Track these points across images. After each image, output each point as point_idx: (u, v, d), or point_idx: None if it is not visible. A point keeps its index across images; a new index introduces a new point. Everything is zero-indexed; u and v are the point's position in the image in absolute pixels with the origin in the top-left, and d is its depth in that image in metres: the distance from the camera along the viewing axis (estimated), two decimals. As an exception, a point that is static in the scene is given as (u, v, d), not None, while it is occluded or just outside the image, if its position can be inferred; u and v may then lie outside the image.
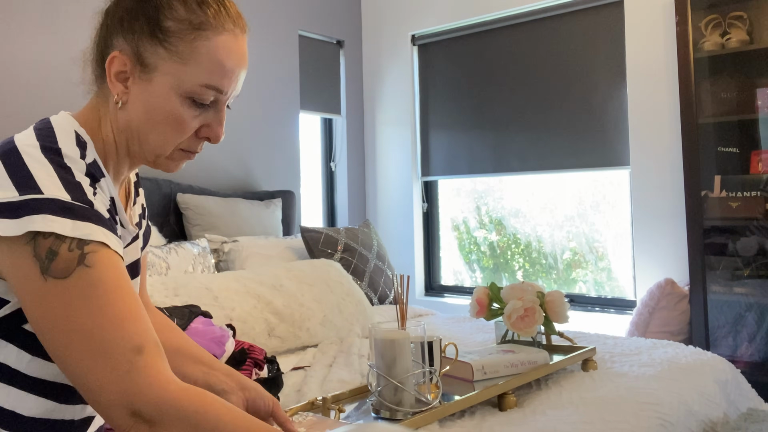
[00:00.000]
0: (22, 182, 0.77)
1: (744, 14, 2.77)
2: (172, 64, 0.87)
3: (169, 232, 2.90)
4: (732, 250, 2.74)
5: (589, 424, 1.34)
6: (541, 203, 3.62)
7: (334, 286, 2.36)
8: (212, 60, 0.88)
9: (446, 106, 3.88)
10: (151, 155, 0.92)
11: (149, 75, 0.88)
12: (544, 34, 3.49)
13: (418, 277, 3.96)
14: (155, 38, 0.87)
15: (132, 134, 0.91)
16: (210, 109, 0.92)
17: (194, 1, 0.88)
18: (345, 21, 4.07)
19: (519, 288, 1.84)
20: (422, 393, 1.34)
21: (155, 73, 0.87)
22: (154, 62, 0.87)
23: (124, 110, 0.90)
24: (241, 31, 0.91)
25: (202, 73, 0.88)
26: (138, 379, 0.75)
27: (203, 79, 0.88)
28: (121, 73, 0.89)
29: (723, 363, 1.92)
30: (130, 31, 0.88)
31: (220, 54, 0.88)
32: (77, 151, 0.85)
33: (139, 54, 0.87)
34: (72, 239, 0.77)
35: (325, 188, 4.07)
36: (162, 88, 0.88)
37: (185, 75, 0.87)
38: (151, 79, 0.88)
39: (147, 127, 0.90)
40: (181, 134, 0.91)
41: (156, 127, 0.89)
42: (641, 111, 3.12)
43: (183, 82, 0.87)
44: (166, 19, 0.87)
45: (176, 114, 0.89)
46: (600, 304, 3.36)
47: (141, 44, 0.87)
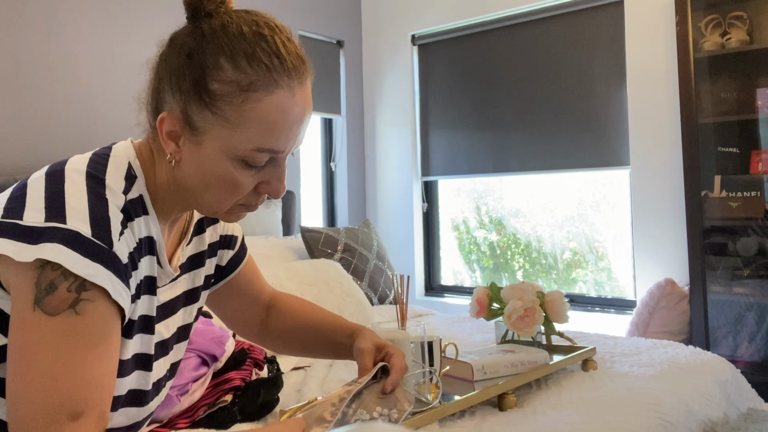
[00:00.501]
0: (52, 207, 0.76)
1: (744, 14, 2.77)
2: (220, 128, 0.82)
3: (169, 232, 2.90)
4: (732, 250, 2.74)
5: (589, 424, 1.34)
6: (541, 203, 3.62)
7: (334, 286, 2.36)
8: (265, 123, 0.82)
9: (446, 106, 3.88)
10: (209, 211, 0.90)
11: (199, 138, 0.83)
12: (544, 34, 3.49)
13: (418, 277, 3.96)
14: (202, 101, 0.81)
15: (187, 191, 0.88)
16: (268, 166, 0.87)
17: (243, 58, 0.81)
18: (345, 21, 4.07)
19: (519, 288, 1.84)
20: (422, 393, 1.34)
21: (205, 136, 0.83)
22: (203, 126, 0.82)
23: (179, 168, 0.86)
24: (299, 83, 0.85)
25: (254, 137, 0.82)
26: None
27: (255, 143, 0.82)
28: (173, 133, 0.85)
29: (723, 363, 1.92)
30: (178, 91, 0.83)
31: (273, 116, 0.82)
32: (122, 185, 0.83)
33: (187, 116, 0.83)
34: (75, 279, 0.75)
35: (325, 188, 4.07)
36: (213, 152, 0.83)
37: (235, 140, 0.82)
38: (201, 142, 0.83)
39: (201, 187, 0.86)
40: (236, 195, 0.87)
41: (210, 189, 0.86)
42: (641, 111, 3.12)
43: (234, 148, 0.82)
44: (213, 81, 0.81)
45: (230, 177, 0.84)
46: (600, 304, 3.36)
47: (189, 106, 0.82)
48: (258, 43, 0.83)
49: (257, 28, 0.85)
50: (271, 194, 0.89)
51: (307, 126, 0.88)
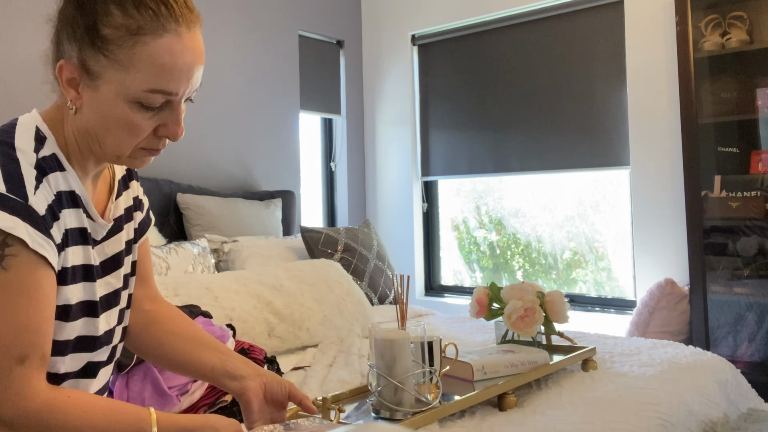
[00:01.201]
0: None
1: (744, 14, 2.76)
2: (114, 72, 0.86)
3: (169, 232, 2.90)
4: (732, 250, 2.74)
5: (589, 424, 1.34)
6: (541, 203, 3.62)
7: (334, 286, 2.36)
8: (154, 65, 0.86)
9: (446, 106, 3.88)
10: (112, 156, 0.94)
11: (95, 82, 0.88)
12: (544, 34, 3.49)
13: (418, 277, 3.96)
14: (95, 47, 0.86)
15: (90, 137, 0.92)
16: (164, 109, 0.92)
17: (131, 4, 0.85)
18: (345, 21, 4.07)
19: (519, 288, 1.84)
20: (422, 393, 1.34)
21: (100, 80, 0.87)
22: (98, 70, 0.87)
23: (80, 115, 0.91)
24: (187, 28, 0.90)
25: (145, 78, 0.86)
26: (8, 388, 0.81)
27: (147, 84, 0.87)
28: (72, 80, 0.89)
29: (723, 363, 1.92)
30: (74, 39, 0.87)
31: (162, 58, 0.86)
32: (32, 145, 0.88)
33: (83, 62, 0.87)
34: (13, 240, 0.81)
35: (325, 188, 4.07)
36: (108, 95, 0.88)
37: (128, 82, 0.87)
38: (97, 87, 0.88)
39: (102, 131, 0.91)
40: (136, 137, 0.91)
41: (110, 132, 0.90)
42: (641, 111, 3.12)
43: (127, 89, 0.87)
44: (104, 27, 0.85)
45: (127, 119, 0.89)
46: (600, 304, 3.36)
47: (84, 52, 0.87)
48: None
49: None
50: (169, 136, 0.94)
51: (200, 72, 0.94)
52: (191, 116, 3.19)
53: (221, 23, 3.35)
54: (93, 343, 0.97)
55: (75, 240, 0.94)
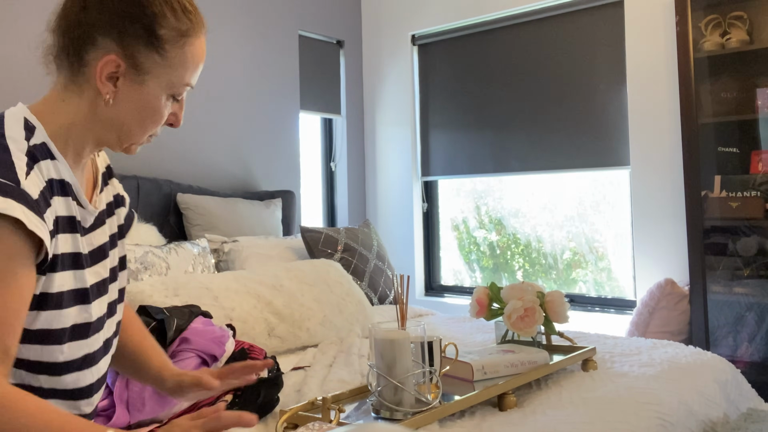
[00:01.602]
0: None
1: (744, 14, 2.77)
2: (163, 69, 0.96)
3: (169, 232, 2.90)
4: (732, 250, 2.74)
5: (589, 424, 1.34)
6: (541, 203, 3.62)
7: (334, 286, 2.36)
8: (192, 62, 0.99)
9: (446, 106, 3.88)
10: (127, 143, 1.01)
11: (142, 77, 0.96)
12: (544, 35, 3.49)
13: (418, 277, 3.96)
14: (151, 45, 0.95)
15: (113, 127, 0.98)
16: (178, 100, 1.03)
17: (180, 9, 0.97)
18: (345, 21, 4.07)
19: (519, 288, 1.84)
20: (422, 393, 1.34)
21: (148, 75, 0.96)
22: (148, 66, 0.95)
23: (111, 107, 0.96)
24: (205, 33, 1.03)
25: (187, 74, 0.99)
26: None
27: (186, 79, 0.99)
28: (112, 74, 0.95)
29: (723, 363, 1.92)
30: (124, 35, 0.94)
31: (198, 56, 1.00)
32: (23, 134, 0.91)
33: (134, 58, 0.94)
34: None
35: (325, 188, 4.07)
36: (154, 89, 0.97)
37: (175, 78, 0.98)
38: (143, 81, 0.96)
39: (133, 121, 0.98)
40: (158, 125, 1.01)
41: (141, 122, 0.98)
42: (641, 111, 3.12)
43: (173, 84, 0.98)
44: (161, 28, 0.95)
45: (160, 110, 0.99)
46: (600, 304, 3.36)
47: (137, 49, 0.94)
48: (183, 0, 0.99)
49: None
50: (176, 123, 1.04)
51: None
52: (192, 116, 3.19)
53: (221, 23, 3.35)
54: (87, 330, 0.98)
55: (65, 228, 0.95)
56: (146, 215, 2.81)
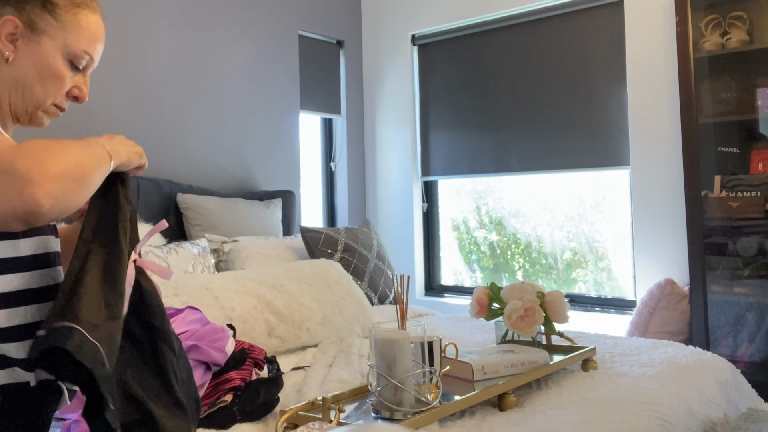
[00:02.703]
0: None
1: (744, 14, 2.77)
2: (58, 30, 1.09)
3: (169, 232, 2.90)
4: (732, 250, 2.74)
5: (589, 424, 1.34)
6: (541, 203, 3.62)
7: (334, 286, 2.36)
8: (89, 31, 1.12)
9: (446, 106, 3.88)
10: (32, 106, 1.10)
11: (38, 37, 1.08)
12: (544, 34, 3.49)
13: (418, 277, 3.96)
14: (45, 9, 1.08)
15: (17, 87, 1.08)
16: (79, 73, 1.13)
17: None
18: (345, 21, 4.07)
19: (519, 288, 1.84)
20: (422, 393, 1.34)
21: (44, 36, 1.08)
22: (43, 27, 1.08)
23: (12, 66, 1.07)
24: (101, 15, 1.16)
25: (82, 40, 1.11)
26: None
27: (82, 45, 1.11)
28: (11, 35, 1.06)
29: (723, 363, 1.92)
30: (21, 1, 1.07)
31: (93, 28, 1.13)
32: None
33: (30, 20, 1.07)
34: None
35: (325, 188, 4.07)
36: (50, 48, 1.08)
37: (69, 40, 1.10)
38: (39, 41, 1.08)
39: (33, 80, 1.08)
40: (60, 89, 1.11)
41: (41, 81, 1.09)
42: (641, 111, 3.12)
43: (67, 45, 1.10)
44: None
45: (60, 71, 1.10)
46: (600, 304, 3.36)
47: (33, 12, 1.07)
48: None
49: None
50: (79, 97, 1.15)
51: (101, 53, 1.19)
52: (192, 116, 3.19)
53: (221, 23, 3.35)
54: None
55: None
56: (146, 215, 2.81)
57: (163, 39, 3.10)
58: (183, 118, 3.16)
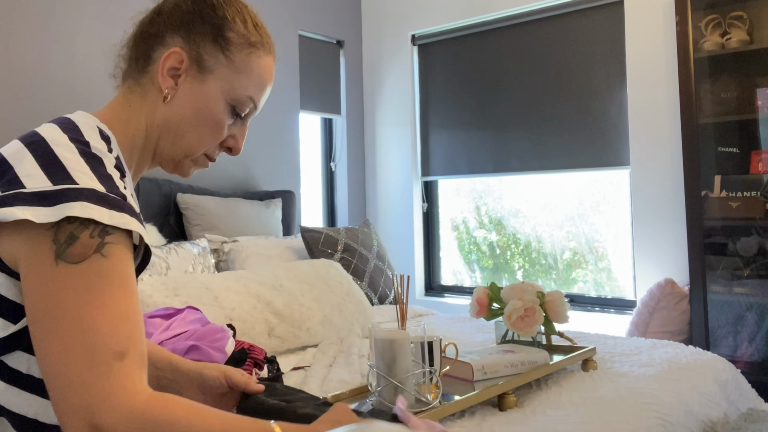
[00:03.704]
0: (54, 172, 0.76)
1: (744, 14, 2.77)
2: (227, 71, 0.94)
3: (169, 232, 2.90)
4: (732, 250, 2.74)
5: (589, 424, 1.34)
6: (540, 203, 3.62)
7: (334, 286, 2.36)
8: (260, 76, 0.97)
9: (446, 106, 3.88)
10: (181, 154, 0.95)
11: (204, 76, 0.93)
12: (544, 34, 3.49)
13: (418, 277, 3.96)
14: (217, 44, 0.93)
15: (169, 130, 0.94)
16: (239, 121, 0.98)
17: (251, 21, 0.97)
18: (345, 21, 4.07)
19: (519, 288, 1.84)
20: (422, 393, 1.34)
21: (210, 75, 0.93)
22: (212, 65, 0.93)
23: (168, 106, 0.93)
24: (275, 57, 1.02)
25: (250, 85, 0.96)
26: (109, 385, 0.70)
27: (250, 90, 0.96)
28: (174, 70, 0.93)
29: (723, 363, 1.92)
30: (192, 32, 0.93)
31: (265, 73, 0.98)
32: (105, 146, 0.84)
33: (198, 55, 0.93)
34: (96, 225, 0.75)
35: (325, 188, 4.07)
36: (214, 90, 0.93)
37: (237, 83, 0.94)
38: (205, 80, 0.93)
39: (188, 124, 0.93)
40: (216, 138, 0.96)
41: (197, 127, 0.94)
42: (641, 111, 3.12)
43: (234, 90, 0.94)
44: (230, 30, 0.94)
45: (219, 118, 0.94)
46: (600, 304, 3.36)
47: (202, 46, 0.93)
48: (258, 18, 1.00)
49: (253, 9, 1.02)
50: (233, 149, 1.00)
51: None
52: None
53: (221, 23, 3.35)
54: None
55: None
56: (146, 215, 2.81)
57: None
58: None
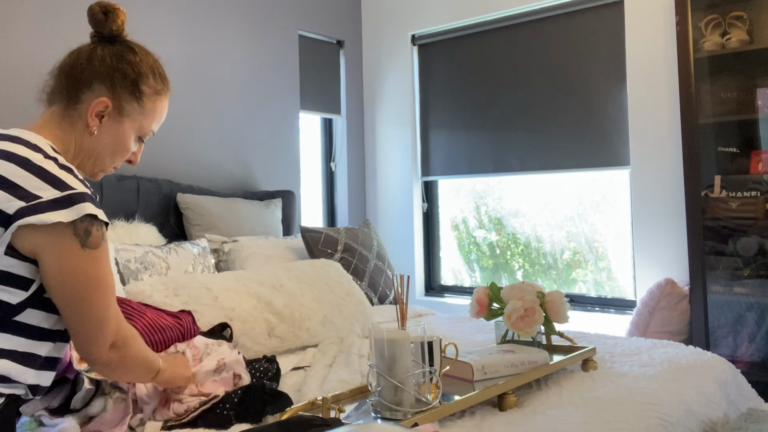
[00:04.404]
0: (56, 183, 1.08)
1: (744, 14, 2.76)
2: (138, 115, 1.27)
3: (169, 232, 2.90)
4: (732, 250, 2.74)
5: (589, 424, 1.34)
6: (540, 203, 3.62)
7: (334, 286, 2.36)
8: (161, 114, 1.32)
9: (446, 106, 3.88)
10: (98, 170, 1.28)
11: (122, 119, 1.26)
12: (544, 34, 3.49)
13: (418, 277, 3.96)
14: (134, 96, 1.26)
15: (91, 155, 1.24)
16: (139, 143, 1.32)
17: (158, 73, 1.30)
18: (345, 21, 4.07)
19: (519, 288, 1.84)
20: (422, 393, 1.34)
21: (126, 118, 1.26)
22: (128, 111, 1.26)
23: (93, 138, 1.23)
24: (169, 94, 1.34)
25: (154, 122, 1.31)
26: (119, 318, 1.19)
27: (153, 126, 1.31)
28: (100, 113, 1.23)
29: (723, 363, 1.92)
30: (116, 86, 1.24)
31: (164, 111, 1.33)
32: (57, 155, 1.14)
33: (119, 104, 1.25)
34: (98, 222, 1.12)
35: (325, 188, 4.07)
36: (129, 129, 1.27)
37: (145, 123, 1.29)
38: (122, 121, 1.26)
39: (107, 152, 1.26)
40: (124, 159, 1.30)
41: (113, 154, 1.27)
42: (641, 111, 3.12)
43: (143, 127, 1.29)
44: (144, 85, 1.27)
45: (129, 147, 1.29)
46: (600, 304, 3.36)
47: (123, 97, 1.25)
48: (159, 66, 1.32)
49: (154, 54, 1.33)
50: (133, 161, 1.33)
51: None
52: (192, 116, 3.19)
53: (221, 23, 3.35)
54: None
55: None
56: (146, 215, 2.81)
57: (163, 39, 3.10)
58: (183, 118, 3.16)
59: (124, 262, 2.32)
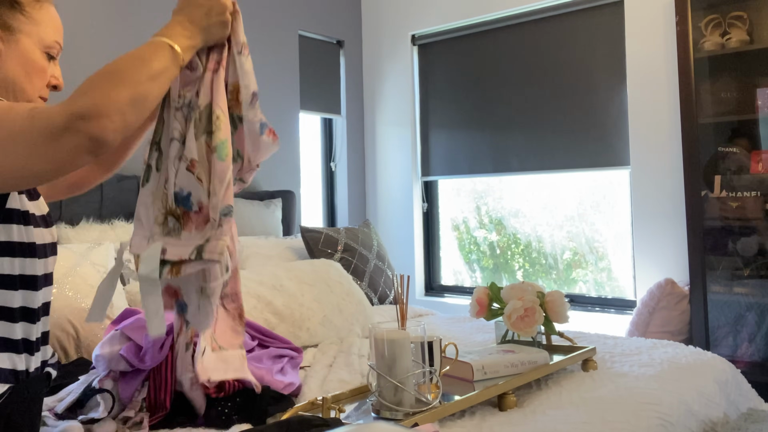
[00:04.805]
0: None
1: (744, 14, 2.77)
2: (31, 26, 1.15)
3: (169, 232, 2.89)
4: (732, 250, 2.74)
5: (589, 424, 1.34)
6: (541, 203, 3.62)
7: (334, 286, 2.36)
8: (54, 22, 1.19)
9: (446, 106, 3.88)
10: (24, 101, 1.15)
11: (16, 36, 1.14)
12: (544, 34, 3.49)
13: (418, 277, 3.96)
14: (13, 8, 1.14)
15: (8, 88, 1.14)
16: (53, 63, 1.20)
17: None
18: (345, 21, 4.07)
19: (519, 288, 1.84)
20: (422, 393, 1.34)
21: (20, 34, 1.14)
22: (17, 26, 1.14)
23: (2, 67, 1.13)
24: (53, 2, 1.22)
25: (51, 32, 1.18)
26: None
27: (53, 36, 1.18)
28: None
29: (723, 363, 1.92)
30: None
31: (56, 19, 1.20)
32: None
33: (3, 21, 1.13)
34: None
35: (325, 188, 4.07)
36: (29, 45, 1.15)
37: (42, 33, 1.16)
38: (18, 40, 1.14)
39: (21, 78, 1.14)
40: (44, 81, 1.17)
41: (28, 77, 1.15)
42: (641, 111, 3.12)
43: (42, 39, 1.16)
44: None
45: (42, 64, 1.17)
46: (600, 304, 3.36)
47: (3, 14, 1.13)
48: None
49: None
50: (58, 86, 1.21)
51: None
52: (191, 116, 3.19)
53: (221, 23, 3.35)
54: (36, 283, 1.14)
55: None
56: (146, 215, 2.81)
57: (163, 39, 3.09)
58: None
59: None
